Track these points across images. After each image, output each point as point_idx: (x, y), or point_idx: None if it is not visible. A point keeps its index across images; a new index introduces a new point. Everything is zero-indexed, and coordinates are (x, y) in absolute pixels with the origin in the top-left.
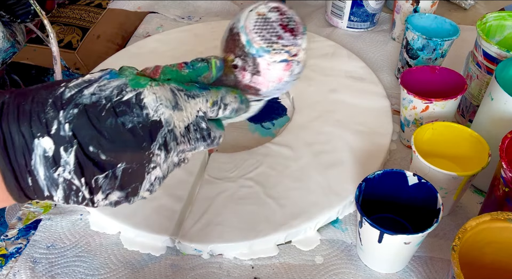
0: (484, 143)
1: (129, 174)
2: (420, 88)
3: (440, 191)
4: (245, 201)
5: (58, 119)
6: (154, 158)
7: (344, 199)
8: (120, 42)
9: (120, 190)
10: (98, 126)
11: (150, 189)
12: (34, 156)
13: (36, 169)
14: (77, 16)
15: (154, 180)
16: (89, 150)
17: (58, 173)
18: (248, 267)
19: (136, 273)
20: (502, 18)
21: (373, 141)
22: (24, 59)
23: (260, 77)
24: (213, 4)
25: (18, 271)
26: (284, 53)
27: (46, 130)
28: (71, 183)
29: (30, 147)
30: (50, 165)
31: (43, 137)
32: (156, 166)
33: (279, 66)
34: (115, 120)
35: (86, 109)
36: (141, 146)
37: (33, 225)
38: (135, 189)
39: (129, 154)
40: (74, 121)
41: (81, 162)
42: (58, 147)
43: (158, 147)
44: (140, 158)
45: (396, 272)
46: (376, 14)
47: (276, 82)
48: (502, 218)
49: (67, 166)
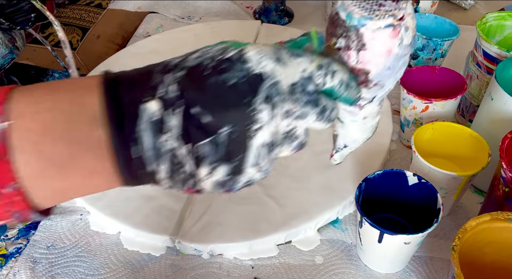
0: (484, 143)
1: (233, 140)
2: (420, 88)
3: (440, 191)
4: (245, 201)
5: (167, 81)
6: (258, 116)
7: (344, 199)
8: (120, 42)
9: (226, 162)
10: (201, 85)
11: (257, 162)
12: (141, 122)
13: (142, 136)
14: (77, 16)
15: (260, 149)
16: (194, 112)
17: (164, 139)
18: (248, 267)
19: (136, 273)
20: (502, 18)
21: (373, 141)
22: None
23: (366, 52)
24: (213, 4)
25: (18, 271)
26: (388, 17)
27: (155, 93)
28: (175, 154)
29: (138, 112)
30: (156, 131)
31: (151, 100)
32: (261, 127)
33: (385, 33)
34: (217, 78)
35: (189, 71)
36: (243, 102)
37: (33, 225)
38: (240, 164)
39: (232, 112)
40: (179, 82)
41: (186, 126)
42: (165, 110)
43: (261, 101)
44: (243, 117)
45: (396, 272)
46: None
47: (385, 56)
48: (502, 218)
49: (173, 131)
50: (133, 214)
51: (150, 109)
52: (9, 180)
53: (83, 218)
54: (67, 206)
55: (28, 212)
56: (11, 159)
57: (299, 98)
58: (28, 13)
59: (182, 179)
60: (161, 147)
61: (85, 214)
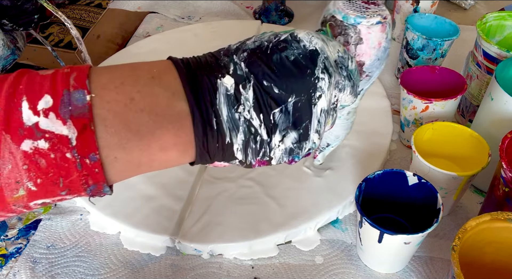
0: (484, 143)
1: (299, 108)
2: (420, 88)
3: (440, 191)
4: (245, 201)
5: (234, 61)
6: (319, 84)
7: (344, 199)
8: (120, 42)
9: (294, 129)
10: (267, 62)
11: (318, 129)
12: (218, 95)
13: (220, 109)
14: (77, 16)
15: (320, 115)
16: (264, 85)
17: (239, 111)
18: (248, 267)
19: (136, 273)
20: (502, 18)
21: (373, 141)
22: (24, 59)
23: (363, 45)
24: (213, 4)
25: (18, 271)
26: (377, 16)
27: (226, 71)
28: (250, 124)
29: (214, 86)
30: (232, 104)
31: (224, 76)
32: (321, 94)
33: (377, 28)
34: (280, 55)
35: (252, 51)
36: (307, 73)
37: (33, 225)
38: (306, 130)
39: (297, 83)
40: (245, 61)
41: (259, 97)
42: (237, 85)
43: (320, 71)
44: (307, 86)
45: (396, 272)
46: None
47: (376, 48)
48: (502, 218)
49: (246, 103)
50: (133, 214)
51: (226, 83)
52: (92, 149)
53: (83, 218)
54: (67, 206)
55: (102, 186)
56: (95, 129)
57: (341, 72)
58: (32, 14)
59: (255, 149)
60: (238, 118)
61: (85, 214)
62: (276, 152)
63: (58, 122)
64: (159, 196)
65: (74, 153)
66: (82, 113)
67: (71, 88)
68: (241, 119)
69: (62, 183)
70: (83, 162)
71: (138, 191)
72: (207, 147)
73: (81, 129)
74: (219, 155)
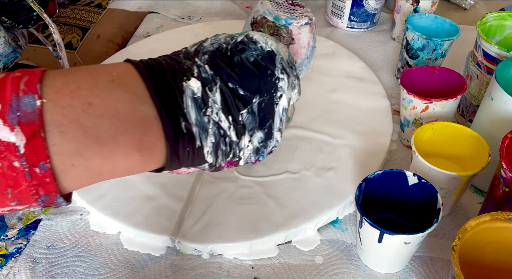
0: (484, 143)
1: (263, 108)
2: (420, 88)
3: (440, 191)
4: (245, 201)
5: (196, 63)
6: (279, 84)
7: (344, 199)
8: (120, 42)
9: (259, 129)
10: (229, 64)
11: (280, 128)
12: (185, 98)
13: (188, 112)
14: (77, 16)
15: (281, 114)
16: (230, 86)
17: (207, 114)
18: (248, 267)
19: (136, 273)
20: (502, 18)
21: (373, 141)
22: (24, 59)
23: (295, 45)
24: (213, 4)
25: (18, 271)
26: (305, 17)
27: (191, 73)
28: (219, 126)
29: (181, 89)
30: (199, 107)
31: (189, 79)
32: (282, 94)
33: (306, 29)
34: (240, 57)
35: (212, 54)
36: (267, 73)
37: (33, 225)
38: (270, 129)
39: (260, 84)
40: (209, 62)
41: (226, 99)
42: (204, 88)
43: (280, 71)
44: (269, 86)
45: (396, 272)
46: (376, 14)
47: (306, 47)
48: (502, 218)
49: (215, 105)
50: (133, 214)
51: (193, 86)
52: (42, 158)
53: (83, 218)
54: (67, 206)
55: (54, 197)
56: (45, 135)
57: (293, 71)
58: (31, 11)
59: (225, 151)
60: (207, 121)
61: (85, 214)
62: (245, 152)
63: (5, 128)
64: (159, 196)
65: (23, 161)
66: (32, 119)
67: (20, 93)
68: (210, 121)
69: (10, 194)
70: (33, 171)
71: (138, 191)
72: (177, 152)
73: (30, 136)
74: (188, 159)
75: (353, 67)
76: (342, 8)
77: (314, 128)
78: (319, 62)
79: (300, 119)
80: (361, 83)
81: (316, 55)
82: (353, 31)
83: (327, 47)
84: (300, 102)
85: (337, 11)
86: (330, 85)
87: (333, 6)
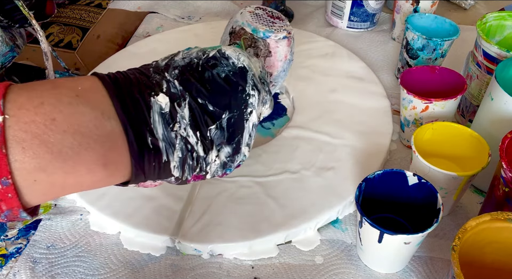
0: (484, 143)
1: (233, 124)
2: (420, 88)
3: (440, 191)
4: (245, 201)
5: (166, 78)
6: (250, 100)
7: (344, 199)
8: (120, 42)
9: (228, 144)
10: (200, 79)
11: (249, 143)
12: (152, 114)
13: (155, 127)
14: (77, 16)
15: (251, 129)
16: (199, 102)
17: (175, 129)
18: (248, 267)
19: (136, 273)
20: (502, 18)
21: (373, 141)
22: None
23: (271, 58)
24: (213, 4)
25: (18, 271)
26: (283, 31)
27: (159, 89)
28: (187, 142)
29: (148, 105)
30: (167, 122)
31: (157, 94)
32: (252, 110)
33: (284, 42)
34: (211, 72)
35: (183, 69)
36: (238, 90)
37: (33, 225)
38: (238, 144)
39: (231, 100)
40: (179, 78)
41: (195, 115)
42: (172, 103)
43: (251, 88)
44: (240, 102)
45: (396, 272)
46: (376, 14)
47: (283, 61)
48: (502, 218)
49: (183, 121)
50: (133, 214)
51: (160, 101)
52: (3, 173)
53: (83, 218)
54: (67, 206)
55: (18, 211)
56: (7, 152)
57: (264, 87)
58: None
59: (192, 166)
60: (174, 136)
61: (85, 214)
62: (212, 167)
63: None
64: (159, 196)
65: None
66: None
67: None
68: (178, 137)
69: None
70: None
71: (138, 191)
72: (142, 167)
73: None
74: (154, 174)
75: (353, 67)
76: (342, 8)
77: (314, 128)
78: (319, 62)
79: (300, 119)
80: (361, 83)
81: (316, 55)
82: (353, 31)
83: (327, 47)
84: (300, 102)
85: (337, 11)
86: (330, 85)
87: (333, 6)
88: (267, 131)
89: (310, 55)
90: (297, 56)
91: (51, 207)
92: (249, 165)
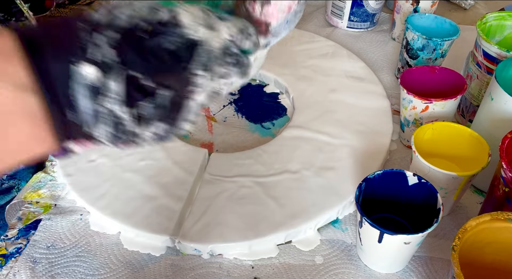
0: (484, 143)
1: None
2: (420, 88)
3: (440, 191)
4: (245, 201)
5: (97, 44)
6: (194, 80)
7: (344, 199)
8: None
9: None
10: (140, 50)
11: (189, 119)
12: (73, 85)
13: (78, 99)
14: None
15: (195, 108)
16: (134, 75)
17: (102, 103)
18: (248, 267)
19: (136, 273)
20: (502, 18)
21: (373, 141)
22: None
23: (270, 6)
24: None
25: (18, 271)
26: None
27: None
28: (116, 115)
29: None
30: (94, 94)
31: (81, 63)
32: (197, 90)
33: None
34: (154, 43)
35: (124, 35)
36: (181, 66)
37: (33, 225)
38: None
39: (172, 76)
40: (115, 47)
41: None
42: (101, 74)
43: (197, 66)
44: (182, 80)
45: (396, 272)
46: (376, 14)
47: (286, 12)
48: (502, 218)
49: (113, 93)
50: (133, 214)
51: (84, 71)
52: None
53: (83, 218)
54: (67, 206)
55: None
56: None
57: (228, 61)
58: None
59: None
60: (101, 110)
61: (85, 214)
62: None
63: None
64: (159, 196)
65: None
66: None
67: None
68: (105, 110)
69: None
70: None
71: (138, 191)
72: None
73: None
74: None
75: (353, 67)
76: (342, 8)
77: (314, 128)
78: (319, 62)
79: (300, 119)
80: (361, 83)
81: (316, 55)
82: (353, 31)
83: (327, 47)
84: (300, 102)
85: (337, 11)
86: (330, 85)
87: (333, 6)
88: (267, 131)
89: (310, 55)
90: (297, 56)
91: (51, 207)
92: (249, 165)
